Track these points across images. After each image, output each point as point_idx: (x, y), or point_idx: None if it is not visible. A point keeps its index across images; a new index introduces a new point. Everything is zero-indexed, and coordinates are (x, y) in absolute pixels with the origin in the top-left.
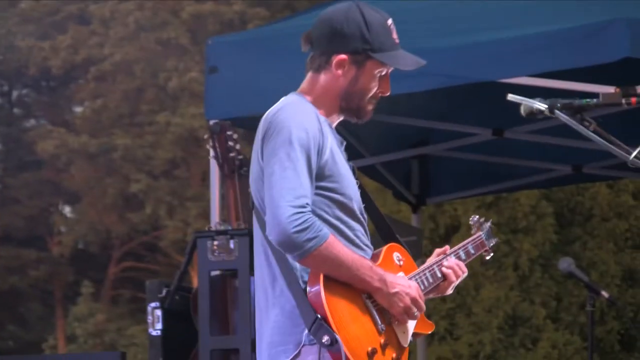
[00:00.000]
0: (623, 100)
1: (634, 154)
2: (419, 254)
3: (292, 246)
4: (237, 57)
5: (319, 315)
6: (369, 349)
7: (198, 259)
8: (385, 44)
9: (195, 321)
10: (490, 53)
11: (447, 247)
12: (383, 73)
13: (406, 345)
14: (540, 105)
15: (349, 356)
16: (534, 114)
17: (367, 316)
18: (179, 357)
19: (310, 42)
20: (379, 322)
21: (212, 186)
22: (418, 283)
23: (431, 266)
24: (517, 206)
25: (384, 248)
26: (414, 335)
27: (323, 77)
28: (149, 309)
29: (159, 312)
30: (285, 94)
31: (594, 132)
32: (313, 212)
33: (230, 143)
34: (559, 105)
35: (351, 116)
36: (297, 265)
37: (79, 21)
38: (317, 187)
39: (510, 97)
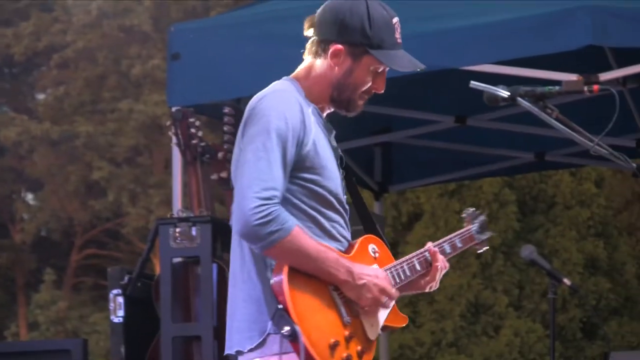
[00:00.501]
0: (585, 88)
1: (596, 141)
2: None
3: (254, 238)
4: (200, 44)
5: (280, 305)
6: (332, 341)
7: (160, 246)
8: (385, 42)
9: (157, 308)
10: (453, 40)
11: (429, 243)
12: (379, 70)
13: (373, 339)
14: (503, 92)
15: (309, 348)
16: (496, 102)
17: (332, 308)
18: (140, 344)
19: (313, 26)
20: (345, 314)
21: (175, 173)
22: (393, 276)
23: (410, 259)
24: (479, 194)
25: (360, 239)
26: (385, 328)
27: (319, 64)
28: (111, 296)
29: (120, 299)
30: (248, 81)
31: (557, 119)
32: (288, 200)
33: (193, 130)
34: (521, 92)
35: (340, 108)
36: None
37: (42, 8)
38: (297, 178)
39: (473, 84)
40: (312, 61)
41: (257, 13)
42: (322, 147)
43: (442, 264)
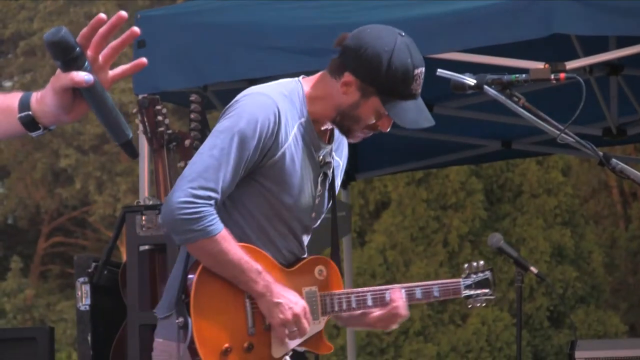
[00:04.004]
0: (552, 76)
1: (563, 129)
2: (348, 230)
3: (172, 230)
4: (166, 31)
5: (184, 296)
6: (225, 346)
7: (127, 234)
8: (397, 91)
9: (124, 296)
10: (420, 28)
11: (396, 286)
12: (385, 113)
13: (277, 357)
14: (469, 80)
15: (197, 345)
16: (463, 89)
17: (241, 315)
18: (107, 332)
19: (340, 45)
20: (251, 324)
21: (141, 161)
22: (328, 303)
23: (363, 292)
24: (446, 182)
25: (310, 257)
26: (305, 351)
27: (330, 84)
28: (78, 284)
29: (87, 287)
30: (215, 68)
31: (523, 107)
32: (240, 201)
33: (159, 118)
34: (488, 80)
35: (339, 131)
36: None
37: None
38: (256, 181)
39: (440, 72)
40: (326, 76)
41: (224, 0)
42: (294, 163)
43: (400, 310)
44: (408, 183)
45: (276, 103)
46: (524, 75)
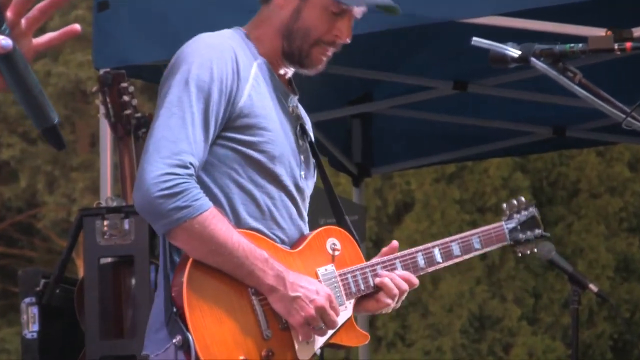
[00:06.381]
0: (616, 46)
1: (630, 112)
2: (362, 238)
3: (154, 213)
4: None
5: (174, 309)
6: (241, 359)
7: (84, 243)
8: None
9: (81, 321)
10: None
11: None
12: (337, 11)
13: (306, 359)
14: (512, 51)
15: None
16: (505, 63)
17: (250, 317)
18: None
19: None
20: (266, 325)
21: (103, 152)
22: (357, 281)
23: (390, 260)
24: (485, 179)
25: (316, 231)
26: (334, 346)
27: (266, 9)
28: (23, 305)
29: (35, 310)
30: (195, 35)
31: (580, 85)
32: (217, 168)
33: (126, 98)
34: (535, 51)
35: (294, 63)
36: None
37: None
38: (228, 139)
39: (475, 40)
40: (263, 7)
41: None
42: (263, 103)
43: (401, 283)
44: (436, 179)
45: (227, 41)
46: (580, 45)
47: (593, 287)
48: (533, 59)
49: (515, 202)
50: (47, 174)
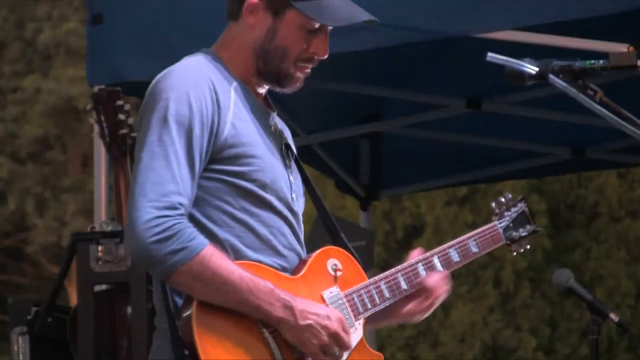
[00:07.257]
0: (638, 62)
1: None
2: (370, 264)
3: (150, 260)
4: (130, 2)
5: (186, 351)
6: None
7: (77, 270)
8: None
9: (74, 351)
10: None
11: (420, 249)
12: (313, 28)
13: None
14: (530, 67)
15: None
16: (521, 79)
17: (263, 351)
18: None
19: None
20: (280, 357)
21: (97, 173)
22: (363, 301)
23: (393, 275)
24: None
25: (315, 253)
26: None
27: (235, 28)
28: (13, 335)
29: (25, 340)
30: (194, 50)
31: (601, 103)
32: (208, 202)
33: (121, 116)
34: (554, 67)
35: (271, 82)
36: None
37: None
38: (216, 171)
39: (490, 56)
40: (231, 25)
41: None
42: (247, 130)
43: (441, 282)
44: (448, 202)
45: (201, 69)
46: (601, 62)
47: (614, 316)
48: (551, 76)
49: (503, 199)
50: (36, 195)
